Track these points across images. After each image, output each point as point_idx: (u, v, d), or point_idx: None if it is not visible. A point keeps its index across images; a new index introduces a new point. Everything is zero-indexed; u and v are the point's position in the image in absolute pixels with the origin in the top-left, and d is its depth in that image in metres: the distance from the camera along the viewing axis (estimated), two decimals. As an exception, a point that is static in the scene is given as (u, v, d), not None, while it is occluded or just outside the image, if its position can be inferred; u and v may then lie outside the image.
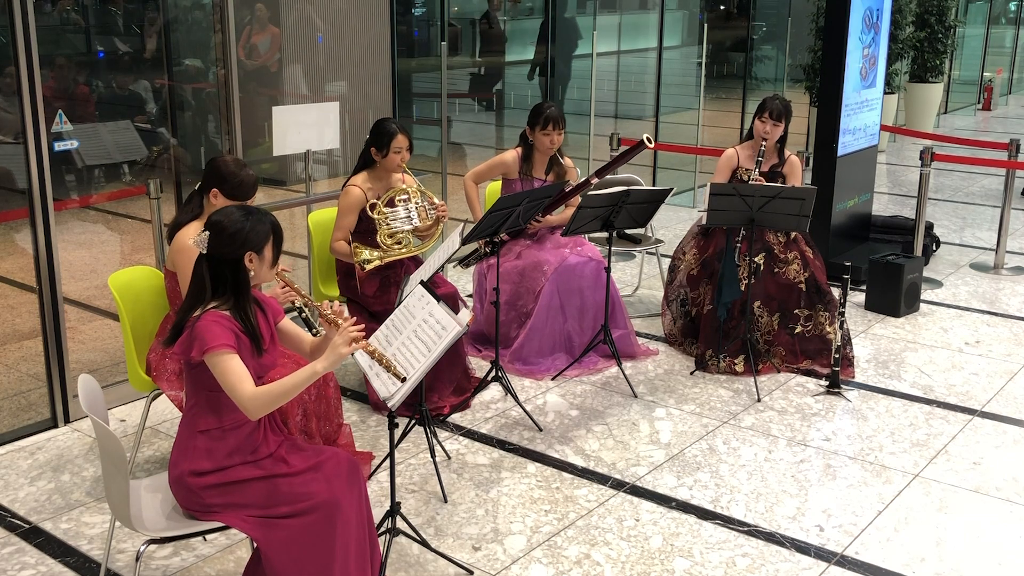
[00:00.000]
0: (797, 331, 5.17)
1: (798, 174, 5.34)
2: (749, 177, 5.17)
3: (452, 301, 4.65)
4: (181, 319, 2.89)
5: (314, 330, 3.38)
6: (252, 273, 2.90)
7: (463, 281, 6.43)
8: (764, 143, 5.16)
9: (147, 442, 4.37)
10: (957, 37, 13.70)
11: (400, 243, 4.61)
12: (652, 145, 4.90)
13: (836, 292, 5.24)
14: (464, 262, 5.21)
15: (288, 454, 2.97)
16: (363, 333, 2.78)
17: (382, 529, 3.40)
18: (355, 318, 2.85)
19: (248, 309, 2.89)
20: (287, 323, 3.12)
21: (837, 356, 4.91)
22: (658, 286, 6.37)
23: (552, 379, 5.07)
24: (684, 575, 3.44)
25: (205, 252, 2.87)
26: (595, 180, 5.05)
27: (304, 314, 3.41)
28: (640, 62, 10.92)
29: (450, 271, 6.42)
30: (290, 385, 2.78)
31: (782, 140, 5.29)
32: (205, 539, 3.59)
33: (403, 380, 2.84)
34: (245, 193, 3.72)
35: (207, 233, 2.87)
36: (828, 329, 5.15)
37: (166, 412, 4.58)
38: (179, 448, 2.92)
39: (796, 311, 5.16)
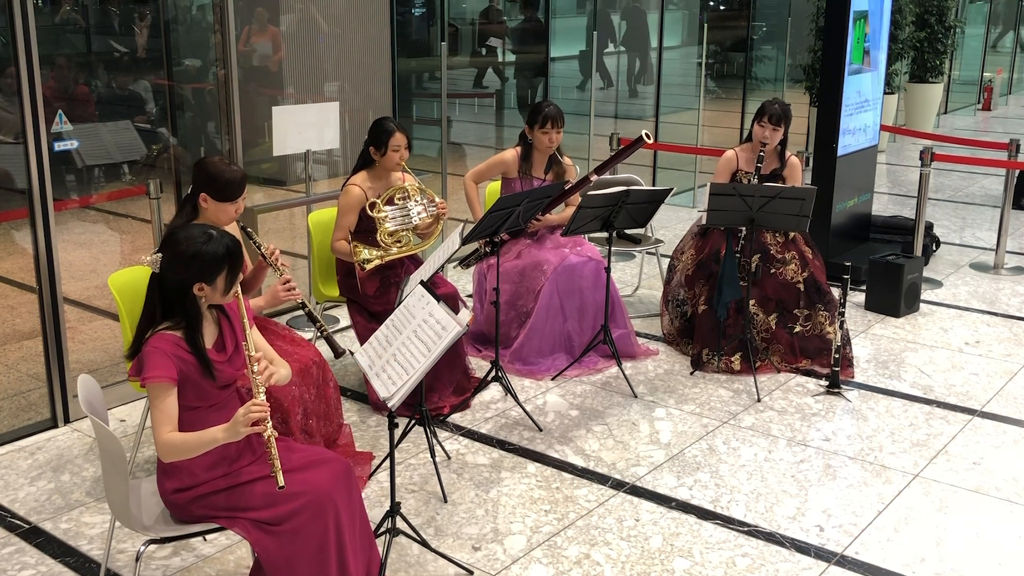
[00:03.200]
0: (796, 330, 5.17)
1: (798, 175, 5.33)
2: (748, 182, 5.17)
3: (452, 301, 4.65)
4: (138, 338, 2.84)
5: (338, 352, 3.92)
6: (203, 299, 2.84)
7: (463, 281, 6.43)
8: (763, 148, 5.16)
9: (147, 442, 4.36)
10: (957, 37, 13.69)
11: (400, 241, 4.62)
12: (650, 141, 4.91)
13: (836, 292, 5.24)
14: (464, 262, 5.21)
15: (281, 455, 2.96)
16: (266, 414, 2.67)
17: (382, 529, 3.40)
18: (263, 399, 2.71)
19: (199, 336, 2.82)
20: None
21: (837, 356, 4.90)
22: (658, 286, 6.37)
23: (552, 379, 5.07)
24: (684, 575, 3.44)
25: (157, 272, 2.80)
26: (594, 177, 5.05)
27: (307, 309, 3.62)
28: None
29: (450, 271, 6.42)
30: (196, 443, 2.74)
31: (782, 143, 5.29)
32: (205, 539, 3.59)
33: (280, 488, 2.71)
34: (234, 192, 3.66)
35: (160, 255, 2.79)
36: (828, 329, 5.15)
37: (166, 412, 4.58)
38: (160, 466, 2.89)
39: (795, 311, 5.16)
